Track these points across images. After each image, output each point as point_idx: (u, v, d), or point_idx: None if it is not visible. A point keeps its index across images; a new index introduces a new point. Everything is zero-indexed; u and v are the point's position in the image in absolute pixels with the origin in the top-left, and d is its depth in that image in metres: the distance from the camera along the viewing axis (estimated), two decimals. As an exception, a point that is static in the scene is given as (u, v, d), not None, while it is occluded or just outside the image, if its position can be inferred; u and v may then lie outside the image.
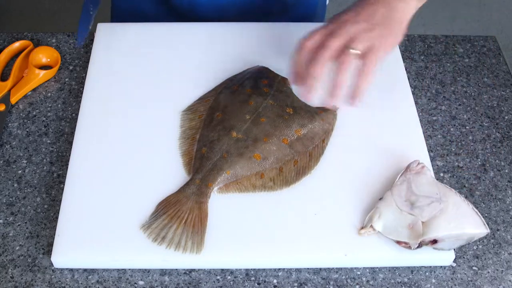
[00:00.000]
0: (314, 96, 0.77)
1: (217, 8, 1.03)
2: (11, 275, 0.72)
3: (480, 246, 0.76)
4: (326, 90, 0.77)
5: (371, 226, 0.73)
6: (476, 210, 0.72)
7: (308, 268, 0.73)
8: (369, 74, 0.76)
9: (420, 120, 0.86)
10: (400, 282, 0.72)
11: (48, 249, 0.74)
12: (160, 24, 0.97)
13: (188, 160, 0.79)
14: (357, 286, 0.72)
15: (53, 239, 0.72)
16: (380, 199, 0.74)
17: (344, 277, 0.73)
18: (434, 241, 0.71)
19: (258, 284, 0.72)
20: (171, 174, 0.78)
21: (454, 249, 0.73)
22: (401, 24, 0.81)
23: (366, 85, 0.76)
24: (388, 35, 0.79)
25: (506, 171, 0.83)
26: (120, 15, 1.12)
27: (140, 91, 0.87)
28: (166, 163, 0.79)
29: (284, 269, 0.73)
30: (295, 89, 0.84)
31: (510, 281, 0.73)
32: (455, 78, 0.95)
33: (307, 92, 0.78)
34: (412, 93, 0.89)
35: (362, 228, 0.73)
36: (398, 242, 0.72)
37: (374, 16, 0.79)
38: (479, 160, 0.84)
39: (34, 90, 0.91)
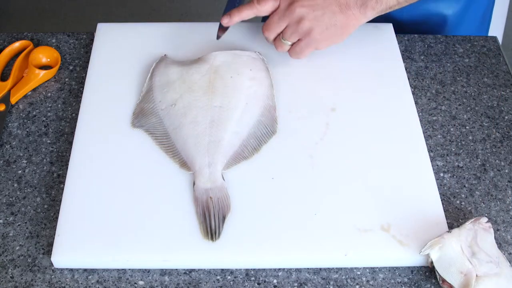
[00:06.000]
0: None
1: None
2: (11, 275, 0.72)
3: (480, 246, 0.76)
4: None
5: (428, 254, 0.71)
6: None
7: (308, 268, 0.73)
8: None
9: (420, 120, 0.86)
10: (400, 282, 0.72)
11: (48, 249, 0.74)
12: (161, 24, 0.97)
13: (180, 161, 0.79)
14: (357, 286, 0.72)
15: (53, 239, 0.72)
16: (449, 231, 0.72)
17: (344, 277, 0.72)
18: None
19: (258, 284, 0.72)
20: (171, 173, 0.78)
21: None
22: (348, 30, 0.86)
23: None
24: (331, 33, 0.86)
25: (506, 171, 0.83)
26: None
27: (140, 91, 0.87)
28: (166, 162, 0.79)
29: (284, 269, 0.73)
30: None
31: (510, 281, 0.73)
32: (455, 78, 0.95)
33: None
34: (412, 93, 0.89)
35: (421, 251, 0.71)
36: (443, 281, 0.70)
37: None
38: (479, 160, 0.84)
39: (34, 90, 0.91)
